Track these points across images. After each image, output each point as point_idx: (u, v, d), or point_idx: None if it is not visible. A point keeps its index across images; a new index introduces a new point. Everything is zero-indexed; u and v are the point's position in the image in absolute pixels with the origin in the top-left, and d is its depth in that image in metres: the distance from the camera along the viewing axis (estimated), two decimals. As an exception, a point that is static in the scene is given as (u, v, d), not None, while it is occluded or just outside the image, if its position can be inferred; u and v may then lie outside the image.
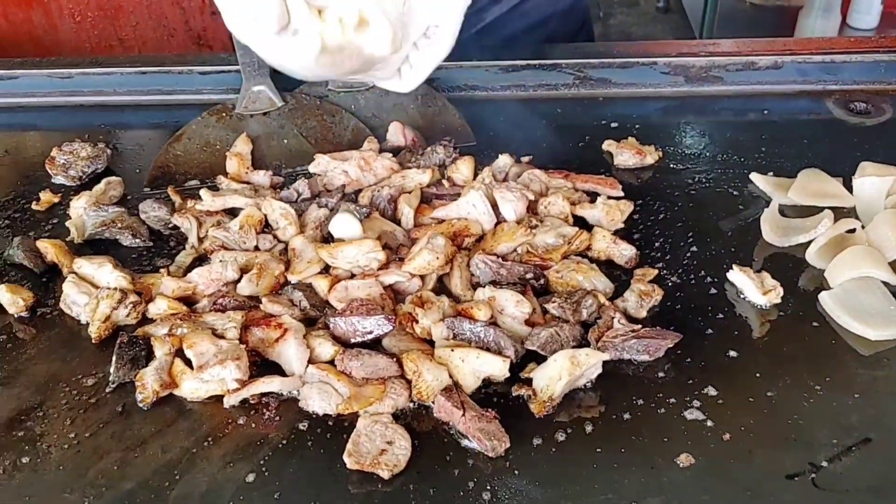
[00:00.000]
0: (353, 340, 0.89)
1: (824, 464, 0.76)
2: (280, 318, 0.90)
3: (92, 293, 0.95)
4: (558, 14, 1.49)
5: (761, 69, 1.34)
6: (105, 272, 0.98)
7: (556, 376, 0.83)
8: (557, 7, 1.49)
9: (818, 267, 0.99)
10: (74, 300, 0.96)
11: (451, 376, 0.84)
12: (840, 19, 2.79)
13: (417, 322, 0.89)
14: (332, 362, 0.87)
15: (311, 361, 0.87)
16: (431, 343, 0.89)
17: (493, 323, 0.89)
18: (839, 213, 1.05)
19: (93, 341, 0.92)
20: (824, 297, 0.94)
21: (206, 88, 1.37)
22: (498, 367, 0.85)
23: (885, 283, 0.94)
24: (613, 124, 1.28)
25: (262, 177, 1.15)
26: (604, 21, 3.90)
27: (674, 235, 1.05)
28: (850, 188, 1.09)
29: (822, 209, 1.05)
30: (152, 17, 2.53)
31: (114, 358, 0.88)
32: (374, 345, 0.89)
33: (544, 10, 1.47)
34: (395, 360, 0.86)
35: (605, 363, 0.85)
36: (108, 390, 0.87)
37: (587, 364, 0.83)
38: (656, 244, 1.04)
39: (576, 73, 1.35)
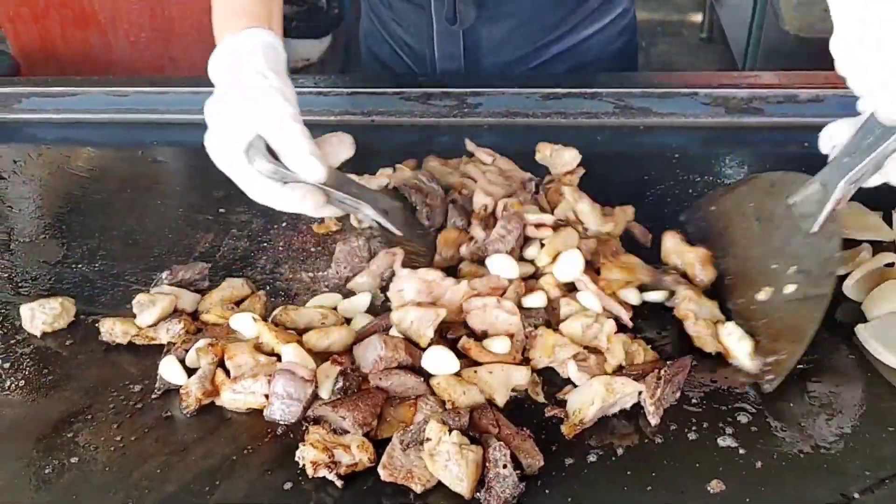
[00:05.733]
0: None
1: (856, 495, 0.76)
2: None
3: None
4: (608, 56, 1.51)
5: (802, 102, 1.34)
6: (155, 284, 1.02)
7: (588, 401, 0.84)
8: (608, 49, 1.51)
9: (855, 300, 0.99)
10: (124, 309, 1.00)
11: (482, 392, 0.87)
12: (886, 52, 2.75)
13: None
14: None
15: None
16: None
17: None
18: (878, 246, 1.05)
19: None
20: (860, 330, 0.94)
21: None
22: (522, 375, 0.88)
23: (923, 318, 0.94)
24: (653, 153, 1.29)
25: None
26: (646, 51, 3.90)
27: (709, 264, 1.05)
28: (890, 222, 1.09)
29: (860, 242, 1.05)
30: (202, 38, 2.60)
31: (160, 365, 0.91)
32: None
33: (594, 52, 1.49)
34: (423, 379, 0.88)
35: (638, 389, 0.87)
36: (153, 397, 0.90)
37: (622, 392, 0.85)
38: (692, 272, 1.04)
39: (616, 101, 1.37)
